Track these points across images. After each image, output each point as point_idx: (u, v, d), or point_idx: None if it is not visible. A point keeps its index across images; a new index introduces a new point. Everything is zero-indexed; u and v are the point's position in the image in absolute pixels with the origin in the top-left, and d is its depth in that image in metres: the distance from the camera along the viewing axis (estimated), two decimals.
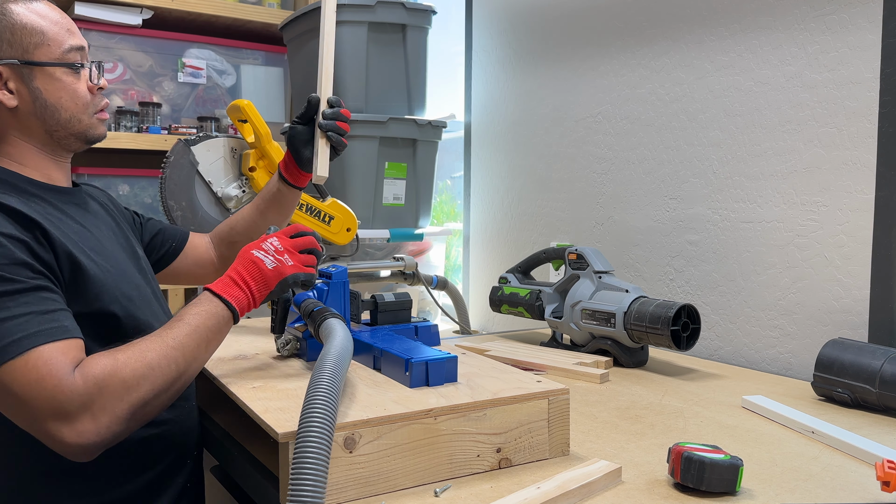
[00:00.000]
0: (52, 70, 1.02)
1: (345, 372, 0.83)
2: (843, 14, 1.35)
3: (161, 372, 0.88)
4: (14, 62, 1.00)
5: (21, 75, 1.01)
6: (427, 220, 2.16)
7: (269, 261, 1.00)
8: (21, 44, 1.01)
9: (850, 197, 1.35)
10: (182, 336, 0.91)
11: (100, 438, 0.84)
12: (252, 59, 2.57)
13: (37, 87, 1.02)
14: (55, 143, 1.06)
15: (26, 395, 0.81)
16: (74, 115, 1.05)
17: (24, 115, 1.02)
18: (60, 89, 1.03)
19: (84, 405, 0.82)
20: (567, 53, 1.95)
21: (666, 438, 1.01)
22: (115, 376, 0.84)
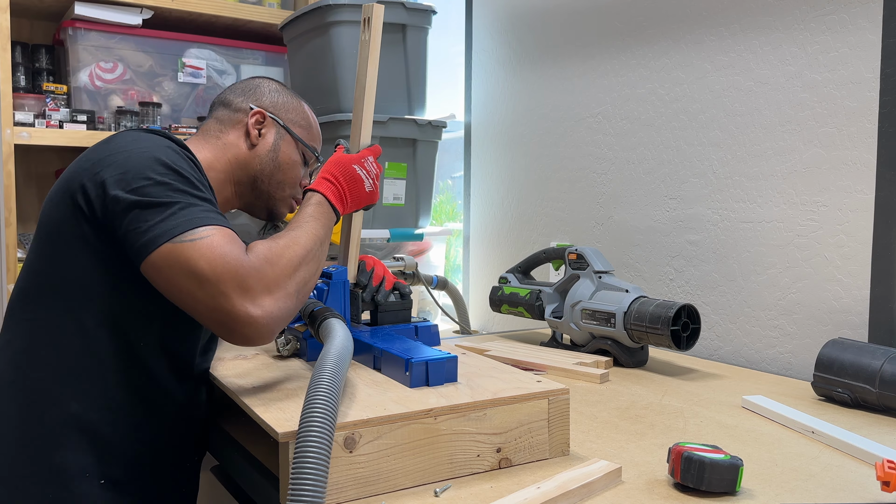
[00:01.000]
0: (297, 144, 1.24)
1: (345, 372, 0.83)
2: (844, 14, 1.35)
3: (313, 255, 0.99)
4: (278, 121, 1.23)
5: (276, 131, 1.22)
6: (427, 220, 2.16)
7: (369, 184, 1.15)
8: (292, 118, 1.25)
9: (850, 197, 1.35)
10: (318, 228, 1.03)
11: (279, 312, 0.91)
12: (252, 59, 2.57)
13: (279, 144, 1.22)
14: (248, 192, 1.22)
15: (215, 270, 0.87)
16: (284, 182, 1.23)
17: (254, 155, 1.20)
18: (291, 159, 1.23)
19: (262, 281, 0.90)
20: (567, 53, 1.95)
21: (666, 438, 1.01)
22: (283, 257, 0.94)
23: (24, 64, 2.37)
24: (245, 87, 1.26)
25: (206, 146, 1.19)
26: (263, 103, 1.23)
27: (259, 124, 1.21)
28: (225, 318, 0.88)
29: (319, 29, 2.02)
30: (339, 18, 1.97)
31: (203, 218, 0.91)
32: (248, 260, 0.90)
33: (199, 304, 0.88)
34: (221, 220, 0.94)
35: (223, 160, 1.19)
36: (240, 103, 1.23)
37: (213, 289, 0.87)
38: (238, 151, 1.20)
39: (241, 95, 1.24)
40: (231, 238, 0.91)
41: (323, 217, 1.06)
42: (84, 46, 2.25)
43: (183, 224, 0.90)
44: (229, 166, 1.19)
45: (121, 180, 0.93)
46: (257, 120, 1.21)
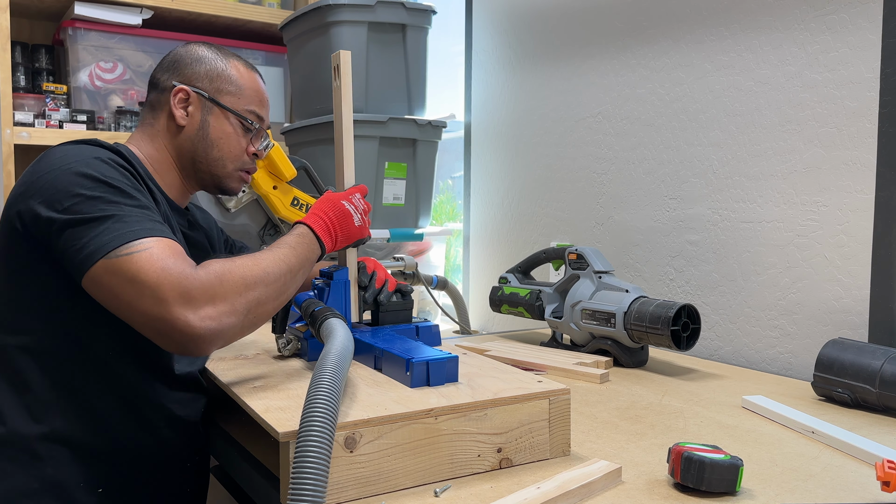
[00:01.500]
0: (227, 115, 1.16)
1: (346, 372, 0.83)
2: (844, 14, 1.35)
3: (273, 279, 0.96)
4: (203, 94, 1.15)
5: (202, 105, 1.16)
6: (427, 220, 2.16)
7: (357, 219, 1.13)
8: (217, 86, 1.17)
9: (850, 197, 1.35)
10: (289, 255, 1.01)
11: (220, 326, 0.89)
12: (252, 59, 2.57)
13: (208, 119, 1.16)
14: (193, 174, 1.18)
15: (154, 280, 0.86)
16: (223, 158, 1.17)
17: (184, 136, 1.15)
18: (224, 132, 1.17)
19: (207, 293, 0.88)
20: (567, 53, 1.96)
21: (666, 438, 1.01)
22: (234, 272, 0.92)
23: (23, 64, 2.37)
24: (169, 62, 1.19)
25: (144, 138, 1.17)
26: (185, 76, 1.16)
27: (183, 102, 1.15)
28: (162, 325, 0.87)
29: (319, 29, 2.02)
30: (339, 18, 1.97)
31: (139, 230, 0.90)
32: (193, 272, 0.89)
33: (137, 311, 0.88)
34: (160, 230, 0.93)
35: (161, 149, 1.16)
36: (164, 81, 1.17)
37: (152, 295, 0.86)
38: (170, 136, 1.16)
39: (166, 72, 1.18)
40: (172, 250, 0.90)
41: (302, 247, 1.04)
42: (84, 46, 2.25)
43: (117, 238, 0.89)
44: (168, 153, 1.16)
45: (52, 201, 0.93)
46: (180, 98, 1.15)
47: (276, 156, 1.66)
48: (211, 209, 1.66)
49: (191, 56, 1.18)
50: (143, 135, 1.17)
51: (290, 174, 1.69)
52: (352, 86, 1.16)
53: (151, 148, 1.16)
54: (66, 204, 0.92)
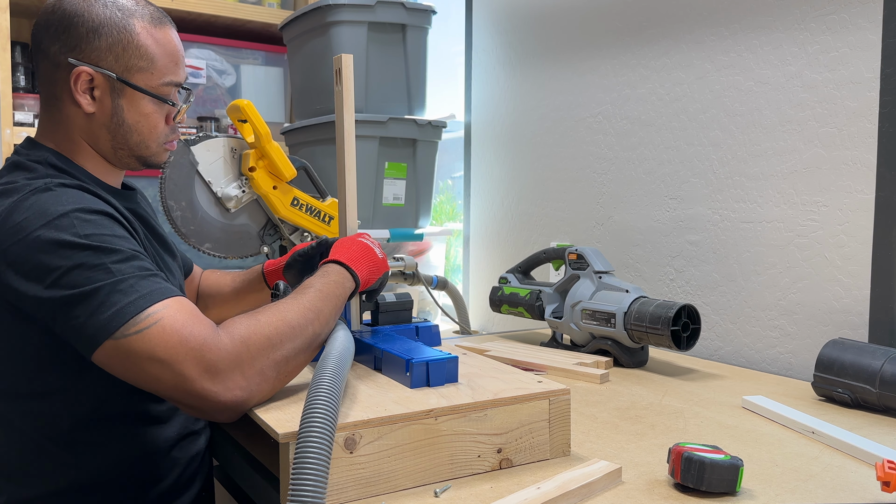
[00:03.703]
0: (141, 96, 1.02)
1: (346, 373, 0.83)
2: (844, 14, 1.35)
3: (301, 331, 0.89)
4: (111, 75, 0.99)
5: (111, 88, 1.00)
6: (427, 220, 2.16)
7: (378, 251, 1.06)
8: (126, 62, 1.00)
9: (850, 197, 1.35)
10: (315, 300, 0.92)
11: (249, 395, 0.84)
12: (252, 59, 2.57)
13: (120, 104, 1.01)
14: (115, 158, 1.06)
15: (175, 357, 0.80)
16: (144, 140, 1.05)
17: (97, 124, 1.02)
18: (141, 115, 1.03)
19: (233, 361, 0.82)
20: (567, 53, 1.95)
21: (666, 439, 1.01)
22: (260, 333, 0.85)
23: (23, 64, 2.37)
24: (56, 24, 0.98)
25: (54, 132, 1.03)
26: (84, 53, 0.98)
27: (86, 86, 0.99)
28: (190, 399, 0.82)
29: (319, 29, 2.02)
30: (339, 18, 1.97)
31: (140, 300, 0.82)
32: (215, 339, 0.82)
33: (162, 385, 0.82)
34: (161, 290, 0.84)
35: (74, 139, 1.03)
36: (56, 53, 0.99)
37: (175, 373, 0.81)
38: (80, 125, 1.02)
39: (56, 40, 0.98)
40: (183, 312, 0.83)
41: (330, 286, 0.95)
42: None
43: (119, 314, 0.81)
44: (83, 142, 1.03)
45: (32, 277, 0.84)
46: (82, 83, 0.99)
47: (276, 156, 1.66)
48: (211, 209, 1.66)
49: (84, 21, 0.98)
50: (51, 132, 1.03)
51: (290, 174, 1.69)
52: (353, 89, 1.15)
53: (65, 143, 1.02)
54: (48, 280, 0.83)
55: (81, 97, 0.99)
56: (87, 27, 0.98)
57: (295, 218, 1.72)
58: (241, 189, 1.68)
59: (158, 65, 1.02)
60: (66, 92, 1.00)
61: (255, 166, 1.67)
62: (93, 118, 1.01)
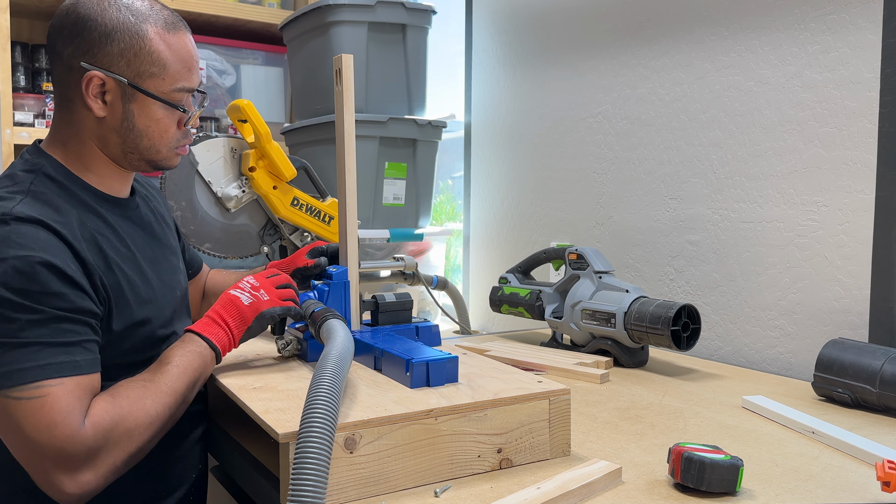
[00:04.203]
0: (152, 101, 1.01)
1: (346, 373, 0.83)
2: (844, 14, 1.35)
3: (158, 419, 0.91)
4: (122, 80, 0.98)
5: (122, 93, 0.99)
6: (427, 220, 2.16)
7: (246, 297, 1.04)
8: (138, 67, 0.99)
9: (850, 197, 1.35)
10: (174, 380, 0.93)
11: (96, 488, 0.85)
12: (252, 59, 2.57)
13: (131, 109, 1.00)
14: (125, 161, 1.05)
15: (36, 439, 0.82)
16: (154, 145, 1.04)
17: (107, 127, 1.01)
18: (152, 121, 1.02)
19: (89, 457, 0.84)
20: (567, 53, 1.95)
21: (666, 439, 1.01)
22: (121, 426, 0.86)
23: (23, 64, 2.37)
24: (70, 27, 0.98)
25: (63, 136, 1.02)
26: (96, 57, 0.97)
27: (98, 90, 0.99)
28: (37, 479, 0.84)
29: (319, 29, 2.02)
30: (339, 18, 1.97)
31: (35, 369, 0.83)
32: (82, 433, 0.83)
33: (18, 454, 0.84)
34: (61, 364, 0.84)
35: (85, 143, 1.02)
36: (69, 57, 0.98)
37: (32, 456, 0.83)
38: (91, 128, 1.02)
39: (69, 43, 0.98)
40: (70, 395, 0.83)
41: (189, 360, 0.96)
42: None
43: (7, 376, 0.82)
44: (94, 146, 1.03)
45: None
46: (94, 87, 0.98)
47: (276, 156, 1.66)
48: (211, 209, 1.66)
49: (97, 25, 0.97)
50: (62, 132, 1.03)
51: (290, 174, 1.69)
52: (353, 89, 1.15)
53: (75, 144, 1.02)
54: None
55: (93, 101, 0.98)
56: (100, 31, 0.97)
57: (295, 218, 1.72)
58: (241, 189, 1.68)
59: (170, 71, 1.01)
60: (79, 95, 0.99)
61: (255, 166, 1.67)
62: (104, 122, 1.01)
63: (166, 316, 1.08)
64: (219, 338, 1.00)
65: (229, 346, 1.02)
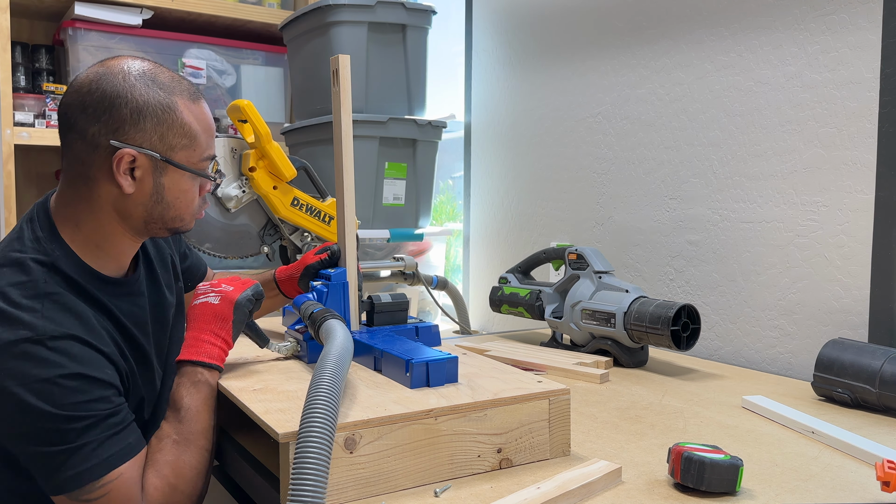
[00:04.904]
0: (182, 173, 1.00)
1: (345, 373, 0.83)
2: (843, 14, 1.35)
3: (204, 464, 0.96)
4: (155, 156, 0.96)
5: (153, 167, 0.97)
6: (427, 220, 2.16)
7: (212, 297, 1.05)
8: (170, 141, 0.97)
9: (850, 197, 1.35)
10: (196, 422, 0.97)
11: None
12: (252, 59, 2.57)
13: (162, 182, 0.98)
14: (145, 231, 1.03)
15: None
16: (180, 215, 1.03)
17: (133, 202, 0.98)
18: (181, 191, 1.01)
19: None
20: (567, 53, 1.95)
21: (666, 438, 1.01)
22: (177, 492, 0.93)
23: (24, 64, 2.37)
24: (95, 106, 0.94)
25: (79, 215, 0.99)
26: (127, 135, 0.95)
27: (127, 167, 0.96)
28: None
29: (319, 29, 2.02)
30: (339, 18, 1.97)
31: (98, 466, 0.87)
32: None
33: None
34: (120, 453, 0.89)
35: (104, 221, 0.99)
36: (95, 135, 0.94)
37: None
38: (114, 203, 0.98)
39: (95, 121, 0.94)
40: (132, 479, 0.89)
41: (204, 393, 0.99)
42: (84, 46, 2.25)
43: (76, 479, 0.87)
44: (114, 222, 1.00)
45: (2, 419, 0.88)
46: (125, 165, 0.95)
47: (276, 156, 1.66)
48: (211, 209, 1.66)
49: (128, 102, 0.94)
50: (77, 209, 0.99)
51: (290, 174, 1.69)
52: (351, 87, 1.15)
53: (90, 222, 0.99)
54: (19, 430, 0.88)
55: (123, 179, 0.95)
56: (131, 108, 0.94)
57: (295, 218, 1.72)
58: (242, 189, 1.68)
59: (199, 141, 1.00)
60: (104, 172, 0.96)
61: (256, 166, 1.67)
62: (129, 197, 0.98)
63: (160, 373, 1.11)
64: (209, 353, 1.01)
65: (224, 352, 1.03)
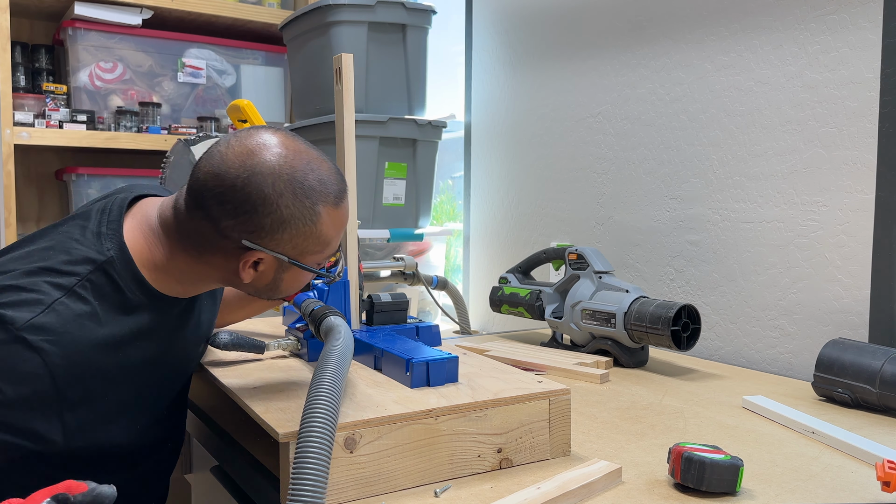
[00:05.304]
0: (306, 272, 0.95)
1: (346, 372, 0.83)
2: (844, 14, 1.35)
3: None
4: (283, 259, 0.90)
5: (278, 266, 0.92)
6: (427, 220, 2.16)
7: None
8: (303, 247, 0.91)
9: (850, 197, 1.35)
10: None
11: None
12: (252, 58, 2.57)
13: (282, 277, 0.94)
14: None
15: None
16: (285, 295, 1.00)
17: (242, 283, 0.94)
18: (297, 283, 0.96)
19: None
20: (567, 53, 1.95)
21: (666, 439, 1.01)
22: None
23: (23, 64, 2.37)
24: (240, 207, 0.86)
25: (174, 249, 0.93)
26: (263, 240, 0.88)
27: (254, 263, 0.92)
28: None
29: (319, 29, 2.02)
30: (339, 18, 1.97)
31: None
32: None
33: None
34: None
35: (198, 270, 0.94)
36: (228, 227, 0.88)
37: None
38: (222, 278, 0.95)
39: (232, 217, 0.87)
40: None
41: None
42: (84, 46, 2.25)
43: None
44: (210, 281, 0.96)
45: None
46: (250, 263, 0.91)
47: None
48: None
49: (272, 212, 0.87)
50: (179, 248, 0.93)
51: None
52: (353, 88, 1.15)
53: (186, 267, 0.93)
54: None
55: (245, 272, 0.91)
56: (274, 218, 0.87)
57: None
58: None
59: (332, 245, 0.94)
60: (227, 260, 0.91)
61: None
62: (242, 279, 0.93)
63: None
64: None
65: None
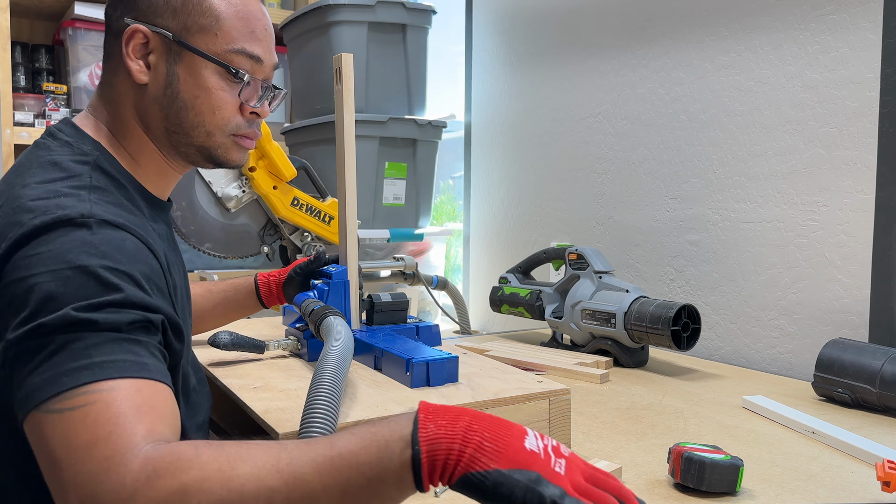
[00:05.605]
0: (202, 63, 0.82)
1: (346, 372, 0.83)
2: (844, 14, 1.35)
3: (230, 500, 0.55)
4: (167, 35, 0.80)
5: (167, 52, 0.81)
6: (427, 220, 2.16)
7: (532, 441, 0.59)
8: (185, 19, 0.81)
9: (850, 197, 1.35)
10: (301, 465, 0.56)
11: None
12: None
13: (176, 72, 0.82)
14: (172, 147, 0.85)
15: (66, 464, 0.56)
16: (202, 124, 0.84)
17: (149, 98, 0.83)
18: (200, 88, 0.82)
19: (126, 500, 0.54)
20: (567, 53, 1.95)
21: (666, 439, 1.01)
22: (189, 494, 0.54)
23: (23, 64, 2.37)
24: None
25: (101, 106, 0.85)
26: (140, 11, 0.81)
27: (140, 50, 0.81)
28: None
29: (319, 29, 2.02)
30: (339, 18, 1.97)
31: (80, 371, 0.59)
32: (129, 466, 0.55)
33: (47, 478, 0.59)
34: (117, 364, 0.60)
35: (124, 118, 0.84)
36: (116, 19, 0.83)
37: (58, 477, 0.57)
38: (131, 98, 0.84)
39: (118, 5, 0.83)
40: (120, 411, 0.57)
41: (364, 465, 0.55)
42: (84, 46, 2.25)
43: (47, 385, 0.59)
44: (134, 123, 0.84)
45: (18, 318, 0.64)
46: (136, 45, 0.81)
47: (276, 156, 1.66)
48: (211, 209, 1.66)
49: None
50: (101, 101, 0.85)
51: (290, 174, 1.69)
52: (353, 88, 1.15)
53: (114, 121, 0.84)
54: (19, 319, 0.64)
55: (133, 62, 0.81)
56: None
57: (295, 218, 1.72)
58: (241, 189, 1.68)
59: (225, 25, 0.82)
60: (122, 64, 0.82)
61: (256, 166, 1.67)
62: (145, 91, 0.82)
63: None
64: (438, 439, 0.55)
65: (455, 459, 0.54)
